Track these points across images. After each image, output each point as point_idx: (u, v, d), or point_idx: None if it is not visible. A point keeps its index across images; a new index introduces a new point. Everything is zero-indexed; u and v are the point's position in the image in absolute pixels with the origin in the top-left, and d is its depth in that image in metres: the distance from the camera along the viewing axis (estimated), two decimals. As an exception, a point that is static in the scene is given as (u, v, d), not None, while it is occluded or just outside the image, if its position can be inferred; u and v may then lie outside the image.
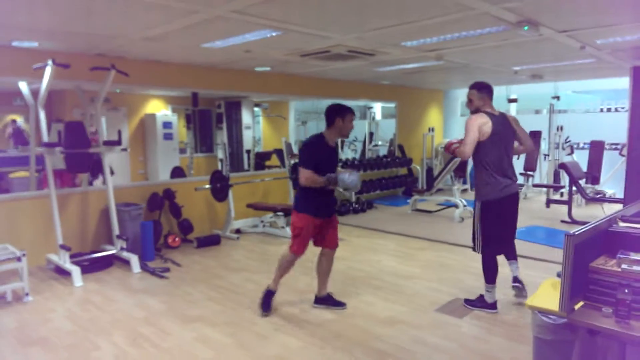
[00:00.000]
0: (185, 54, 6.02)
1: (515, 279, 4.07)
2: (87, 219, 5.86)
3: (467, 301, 4.09)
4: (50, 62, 4.83)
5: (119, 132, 5.82)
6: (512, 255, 4.09)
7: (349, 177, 3.73)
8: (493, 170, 3.76)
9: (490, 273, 3.92)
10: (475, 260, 5.38)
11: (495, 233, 3.86)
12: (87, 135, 5.53)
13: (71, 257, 5.11)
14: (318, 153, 3.79)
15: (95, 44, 5.30)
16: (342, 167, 9.07)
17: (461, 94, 12.19)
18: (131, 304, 4.29)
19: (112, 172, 6.95)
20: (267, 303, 3.98)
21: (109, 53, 5.80)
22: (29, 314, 4.06)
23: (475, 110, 3.86)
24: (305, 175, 3.73)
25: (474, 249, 4.01)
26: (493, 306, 3.95)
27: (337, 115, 3.78)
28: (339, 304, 4.12)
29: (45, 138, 5.05)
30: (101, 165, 5.68)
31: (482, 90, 3.85)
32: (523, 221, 7.44)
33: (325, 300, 4.14)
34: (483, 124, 3.71)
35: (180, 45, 5.38)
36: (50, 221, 5.22)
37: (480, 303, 4.00)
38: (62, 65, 4.92)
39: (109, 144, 5.59)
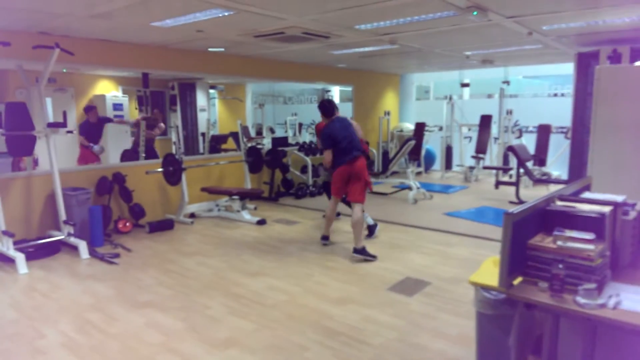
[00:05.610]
0: (134, 33, 5.82)
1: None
2: (32, 204, 5.63)
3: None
4: (-13, 39, 4.59)
5: (64, 113, 5.59)
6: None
7: None
8: None
9: None
10: (427, 241, 5.55)
11: None
12: (31, 117, 5.30)
13: (15, 243, 4.93)
14: None
15: (38, 21, 5.03)
16: (300, 150, 9.09)
17: (417, 79, 12.34)
18: (78, 290, 4.18)
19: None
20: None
21: (53, 31, 5.53)
22: (-31, 303, 3.90)
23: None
24: None
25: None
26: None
27: None
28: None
29: (-17, 119, 4.81)
30: None
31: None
32: (473, 202, 7.72)
33: (362, 252, 4.96)
34: None
35: (129, 23, 5.19)
36: (-9, 207, 4.99)
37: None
38: (1, 43, 4.68)
39: (54, 125, 5.37)
